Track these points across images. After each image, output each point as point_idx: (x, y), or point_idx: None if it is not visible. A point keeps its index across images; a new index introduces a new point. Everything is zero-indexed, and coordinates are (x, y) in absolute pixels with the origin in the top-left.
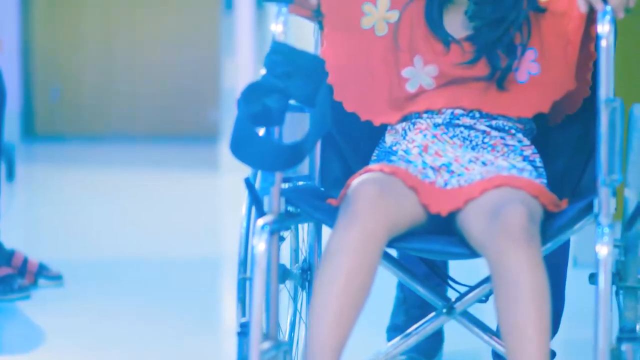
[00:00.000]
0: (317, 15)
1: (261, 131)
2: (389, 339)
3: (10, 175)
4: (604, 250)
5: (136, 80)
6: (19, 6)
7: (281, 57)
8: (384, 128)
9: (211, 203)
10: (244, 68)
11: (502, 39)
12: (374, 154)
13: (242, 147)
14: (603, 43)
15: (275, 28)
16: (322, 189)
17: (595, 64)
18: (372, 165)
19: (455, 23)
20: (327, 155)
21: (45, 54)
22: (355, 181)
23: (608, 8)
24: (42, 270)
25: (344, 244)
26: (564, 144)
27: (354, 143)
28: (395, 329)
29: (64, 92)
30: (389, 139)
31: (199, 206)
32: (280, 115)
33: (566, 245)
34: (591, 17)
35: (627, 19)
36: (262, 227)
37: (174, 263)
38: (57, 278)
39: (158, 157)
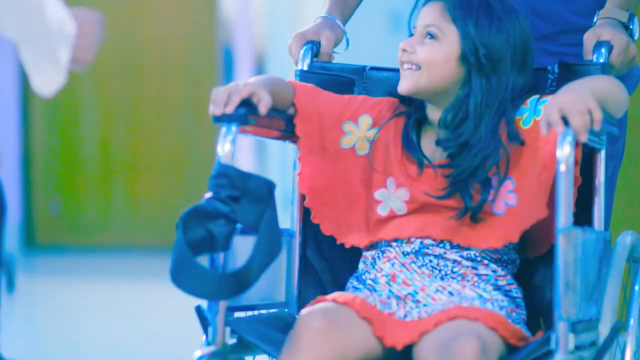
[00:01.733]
0: (287, 134)
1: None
2: None
3: (10, 286)
4: None
5: (136, 191)
6: (19, 119)
7: (226, 180)
8: (361, 251)
9: None
10: None
11: (476, 174)
12: (350, 281)
13: (181, 275)
14: (562, 168)
15: (222, 149)
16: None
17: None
18: (327, 295)
19: (433, 145)
20: (304, 281)
21: (45, 165)
22: (304, 312)
23: (569, 131)
24: None
25: None
26: (551, 274)
27: (331, 267)
28: None
29: (64, 202)
30: (361, 266)
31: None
32: (226, 241)
33: None
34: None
35: None
36: (198, 359)
37: None
38: None
39: (158, 269)
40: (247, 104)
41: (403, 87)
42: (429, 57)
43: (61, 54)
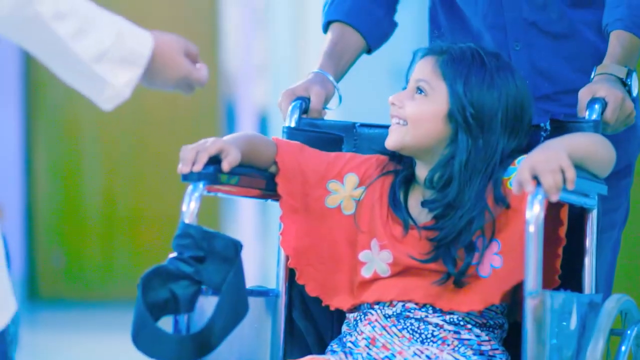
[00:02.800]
0: (269, 193)
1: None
2: None
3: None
4: None
5: (139, 245)
6: (22, 171)
7: (190, 240)
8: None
9: None
10: None
11: (460, 237)
12: (331, 344)
13: (141, 338)
14: (530, 229)
15: (186, 207)
16: None
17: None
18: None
19: (420, 205)
20: (290, 343)
21: (48, 218)
22: None
23: (540, 190)
24: None
25: None
26: None
27: (317, 329)
28: None
29: (67, 256)
30: (344, 328)
31: None
32: (190, 303)
33: None
34: (559, 202)
35: None
36: None
37: None
38: None
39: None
40: (218, 162)
41: (389, 142)
42: (416, 113)
43: (116, 74)
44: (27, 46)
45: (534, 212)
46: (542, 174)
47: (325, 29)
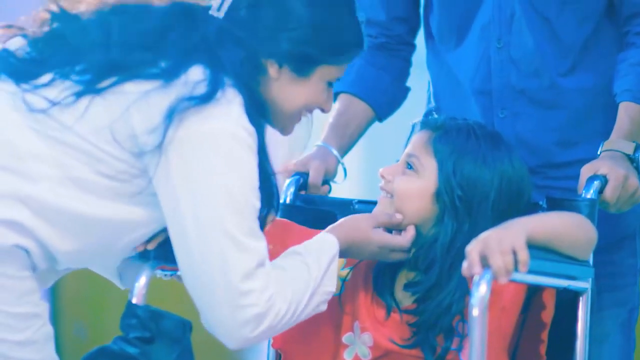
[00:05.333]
0: None
1: None
2: None
3: None
4: None
5: None
6: None
7: (136, 321)
8: None
9: None
10: None
11: (440, 322)
12: None
13: None
14: (474, 312)
15: (136, 284)
16: None
17: None
18: None
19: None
20: None
21: (71, 288)
22: None
23: (487, 272)
24: None
25: None
26: None
27: None
28: None
29: (90, 326)
30: None
31: None
32: None
33: None
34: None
35: None
36: None
37: None
38: None
39: None
40: None
41: (375, 212)
42: (402, 188)
43: None
44: None
45: (479, 294)
46: (491, 255)
47: (334, 99)
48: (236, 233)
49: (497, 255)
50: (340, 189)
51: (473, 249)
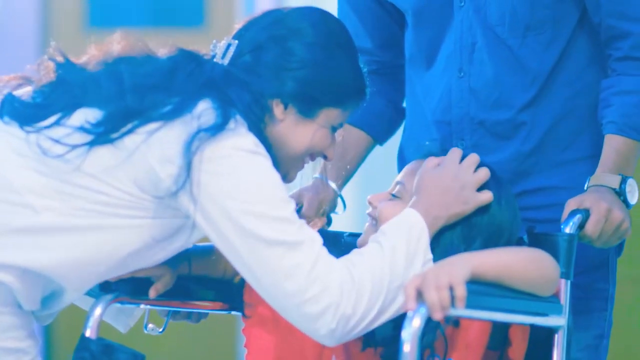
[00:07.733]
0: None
1: None
2: None
3: None
4: None
5: None
6: None
7: (88, 354)
8: None
9: None
10: None
11: None
12: None
13: None
14: (405, 348)
15: (92, 316)
16: None
17: None
18: None
19: None
20: None
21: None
22: None
23: (422, 307)
24: None
25: None
26: None
27: None
28: None
29: None
30: None
31: None
32: None
33: None
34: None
35: None
36: None
37: None
38: None
39: None
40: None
41: (359, 240)
42: (386, 214)
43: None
44: None
45: (411, 329)
46: (427, 290)
47: None
48: (281, 237)
49: (432, 290)
50: (339, 220)
51: (410, 283)
